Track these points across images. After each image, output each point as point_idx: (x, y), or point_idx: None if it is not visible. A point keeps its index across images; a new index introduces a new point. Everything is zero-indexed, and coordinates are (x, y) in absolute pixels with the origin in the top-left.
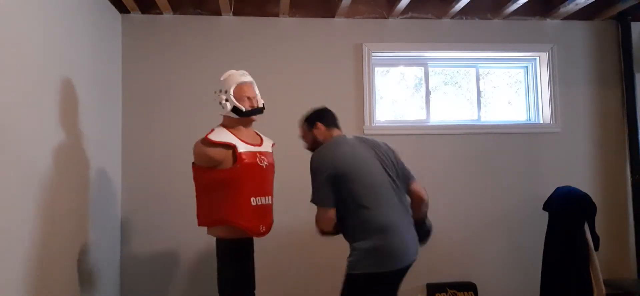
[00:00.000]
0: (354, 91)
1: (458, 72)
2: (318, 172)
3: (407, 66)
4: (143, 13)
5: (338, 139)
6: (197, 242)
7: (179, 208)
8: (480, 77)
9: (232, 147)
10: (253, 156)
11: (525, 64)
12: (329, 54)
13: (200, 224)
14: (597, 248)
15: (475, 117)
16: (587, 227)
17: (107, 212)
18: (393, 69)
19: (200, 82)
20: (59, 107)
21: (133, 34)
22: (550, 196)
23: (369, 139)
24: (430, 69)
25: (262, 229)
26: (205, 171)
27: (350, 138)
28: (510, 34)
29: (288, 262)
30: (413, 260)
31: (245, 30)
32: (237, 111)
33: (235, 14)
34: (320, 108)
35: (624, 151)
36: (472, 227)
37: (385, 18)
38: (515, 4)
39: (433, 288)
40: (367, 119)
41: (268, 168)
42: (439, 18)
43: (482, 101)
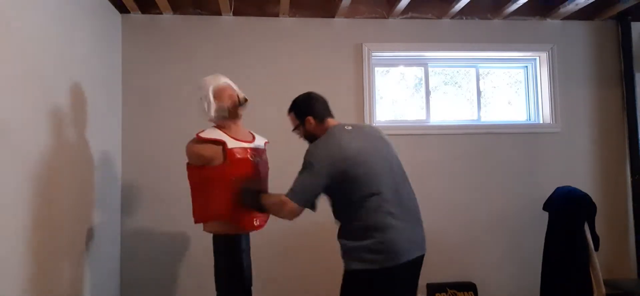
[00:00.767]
0: (354, 91)
1: (458, 72)
2: (312, 171)
3: (407, 66)
4: (143, 13)
5: (336, 131)
6: (197, 240)
7: (179, 207)
8: (480, 77)
9: (221, 143)
10: (244, 151)
11: (525, 64)
12: (329, 54)
13: (197, 222)
14: (597, 248)
15: (475, 117)
16: (587, 227)
17: (107, 212)
18: (393, 69)
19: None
20: (59, 107)
21: (133, 34)
22: (550, 196)
23: (367, 128)
24: (430, 69)
25: (256, 223)
26: (198, 169)
27: (349, 129)
28: (510, 34)
29: (284, 259)
30: (415, 256)
31: (245, 30)
32: (221, 113)
33: (235, 14)
34: (306, 96)
35: (624, 151)
36: (472, 227)
37: (385, 18)
38: (515, 4)
39: (433, 288)
40: (367, 119)
41: (260, 164)
42: (439, 18)
43: (482, 101)
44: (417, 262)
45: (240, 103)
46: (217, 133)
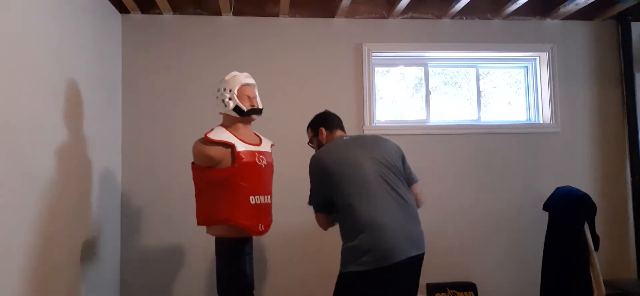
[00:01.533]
0: (354, 91)
1: (458, 72)
2: (311, 175)
3: (407, 66)
4: (143, 13)
5: (335, 141)
6: (197, 242)
7: (179, 208)
8: (480, 77)
9: (230, 146)
10: (252, 155)
11: (525, 64)
12: (329, 54)
13: (200, 224)
14: (597, 248)
15: (475, 117)
16: (587, 227)
17: (107, 212)
18: (393, 69)
19: (200, 82)
20: (59, 107)
21: (133, 34)
22: (550, 196)
23: (368, 137)
24: (430, 69)
25: (261, 228)
26: (205, 170)
27: (346, 138)
28: (510, 34)
29: (287, 263)
30: (408, 256)
31: (245, 30)
32: (238, 110)
33: (235, 14)
34: (323, 112)
35: (624, 151)
36: (472, 227)
37: (385, 18)
38: (515, 4)
39: (433, 288)
40: (367, 119)
41: (267, 167)
42: (439, 18)
43: (482, 101)
44: (412, 262)
45: (259, 112)
46: (225, 134)
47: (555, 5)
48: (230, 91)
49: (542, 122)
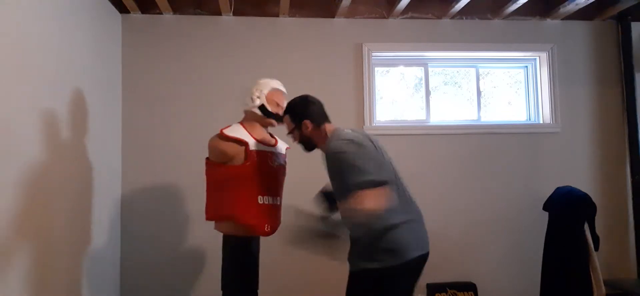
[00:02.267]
0: (354, 91)
1: (458, 72)
2: (346, 154)
3: (407, 66)
4: (143, 13)
5: (340, 131)
6: (197, 241)
7: (179, 208)
8: (480, 77)
9: (244, 143)
10: (264, 155)
11: (525, 64)
12: (329, 54)
13: (208, 219)
14: (597, 248)
15: (475, 117)
16: (587, 227)
17: (107, 212)
18: (393, 69)
19: (200, 82)
20: (59, 107)
21: (133, 34)
22: (550, 196)
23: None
24: (430, 69)
25: (267, 229)
26: (217, 166)
27: (352, 129)
28: (510, 34)
29: (291, 262)
30: (427, 252)
31: (245, 30)
32: (263, 109)
33: (235, 14)
34: (304, 101)
35: (624, 151)
36: (472, 227)
37: (385, 18)
38: (515, 4)
39: (433, 288)
40: (367, 119)
41: (278, 169)
42: (439, 18)
43: (482, 101)
44: (424, 260)
45: (280, 118)
46: (241, 132)
47: (555, 5)
48: (261, 91)
49: (542, 122)
